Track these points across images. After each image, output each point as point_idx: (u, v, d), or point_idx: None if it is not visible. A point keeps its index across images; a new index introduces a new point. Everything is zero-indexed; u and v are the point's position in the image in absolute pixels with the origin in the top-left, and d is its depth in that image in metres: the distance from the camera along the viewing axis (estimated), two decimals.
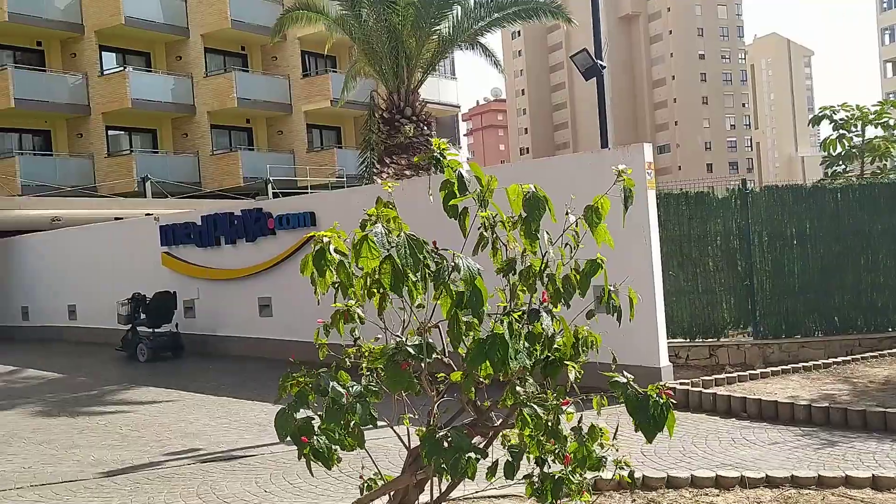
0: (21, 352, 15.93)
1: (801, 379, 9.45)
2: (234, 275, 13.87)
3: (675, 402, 3.50)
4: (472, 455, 3.50)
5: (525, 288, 4.12)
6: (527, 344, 3.51)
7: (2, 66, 27.98)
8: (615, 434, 4.11)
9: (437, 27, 14.40)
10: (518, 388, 3.49)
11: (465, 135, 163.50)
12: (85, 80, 29.58)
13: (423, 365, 3.57)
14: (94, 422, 8.94)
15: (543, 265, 4.11)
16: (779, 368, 9.76)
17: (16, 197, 22.72)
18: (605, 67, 9.73)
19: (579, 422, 3.85)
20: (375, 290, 3.58)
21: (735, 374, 9.44)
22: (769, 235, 11.18)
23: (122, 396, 10.51)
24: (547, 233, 4.07)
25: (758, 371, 9.60)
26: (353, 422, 3.45)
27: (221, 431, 8.07)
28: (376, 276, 3.35)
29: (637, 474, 5.97)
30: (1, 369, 13.67)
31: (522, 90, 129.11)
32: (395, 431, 4.10)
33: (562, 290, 4.12)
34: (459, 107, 36.11)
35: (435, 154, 4.19)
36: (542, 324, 3.65)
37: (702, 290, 11.18)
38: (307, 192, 22.22)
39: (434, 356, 3.63)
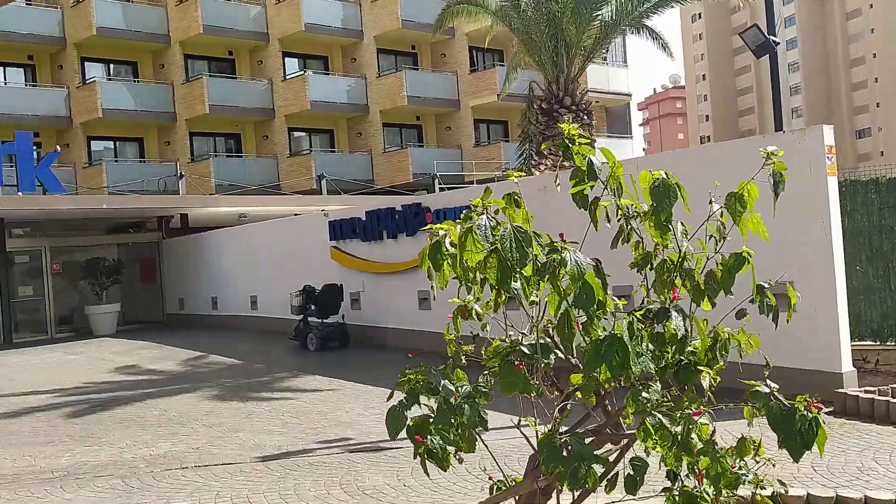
0: (209, 339, 17.19)
1: None
2: (395, 268, 14.17)
3: (846, 415, 3.06)
4: (594, 465, 3.25)
5: (663, 285, 3.79)
6: (651, 346, 3.18)
7: (198, 75, 30.43)
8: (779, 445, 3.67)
9: (599, 12, 13.89)
10: (644, 395, 3.18)
11: (640, 124, 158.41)
12: (270, 86, 31.51)
13: (540, 365, 3.36)
14: (261, 407, 9.42)
15: (681, 259, 3.74)
16: None
17: (206, 196, 24.63)
18: (778, 44, 8.91)
19: (712, 434, 3.46)
20: (492, 286, 3.41)
21: None
22: None
23: (288, 384, 11.01)
24: (682, 224, 3.70)
25: None
26: (460, 423, 3.29)
27: (373, 422, 8.21)
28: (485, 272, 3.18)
29: (801, 491, 5.41)
30: (190, 355, 14.80)
31: (703, 75, 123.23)
32: (522, 433, 3.91)
33: (702, 286, 3.73)
34: (630, 95, 34.97)
35: (564, 140, 3.93)
36: (672, 324, 3.30)
37: (895, 287, 10.01)
38: (468, 187, 22.30)
39: (556, 356, 3.42)
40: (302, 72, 31.45)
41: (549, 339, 3.39)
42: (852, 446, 6.69)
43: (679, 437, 3.16)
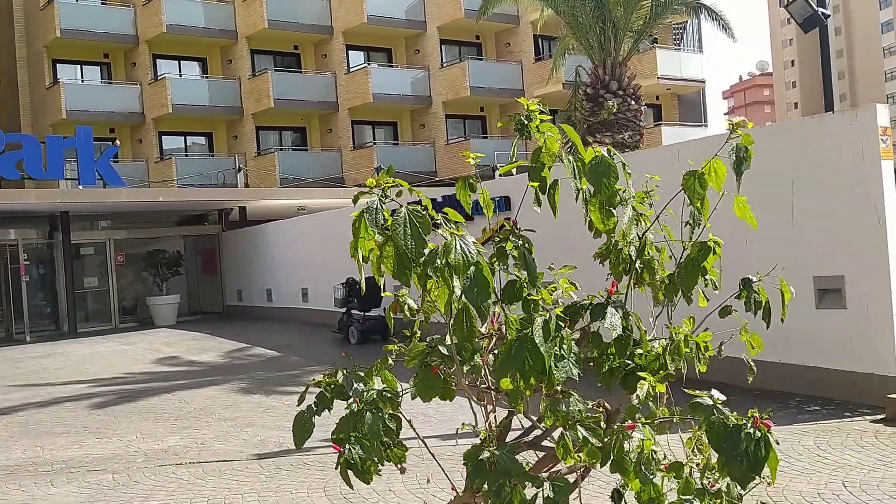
0: (258, 330, 17.27)
1: None
2: None
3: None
4: (524, 483, 2.84)
5: (617, 277, 3.34)
6: (577, 349, 2.74)
7: (263, 70, 30.79)
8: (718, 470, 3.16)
9: None
10: (562, 405, 2.74)
11: (725, 113, 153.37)
12: (334, 79, 31.63)
13: (463, 369, 2.97)
14: (281, 401, 9.25)
15: (640, 248, 3.28)
16: None
17: (262, 188, 24.87)
18: (828, 16, 8.13)
19: (639, 450, 2.98)
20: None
21: None
22: None
23: (319, 378, 10.83)
24: (634, 208, 3.23)
25: None
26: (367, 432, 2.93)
27: None
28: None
29: None
30: (235, 346, 14.87)
31: (791, 61, 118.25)
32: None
33: (666, 280, 3.26)
34: (704, 81, 33.58)
35: (519, 116, 3.51)
36: (608, 322, 2.85)
37: None
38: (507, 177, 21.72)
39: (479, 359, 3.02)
40: (364, 64, 31.43)
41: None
42: None
43: (611, 453, 2.70)
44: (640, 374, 2.86)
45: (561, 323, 2.68)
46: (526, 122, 3.48)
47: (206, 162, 30.31)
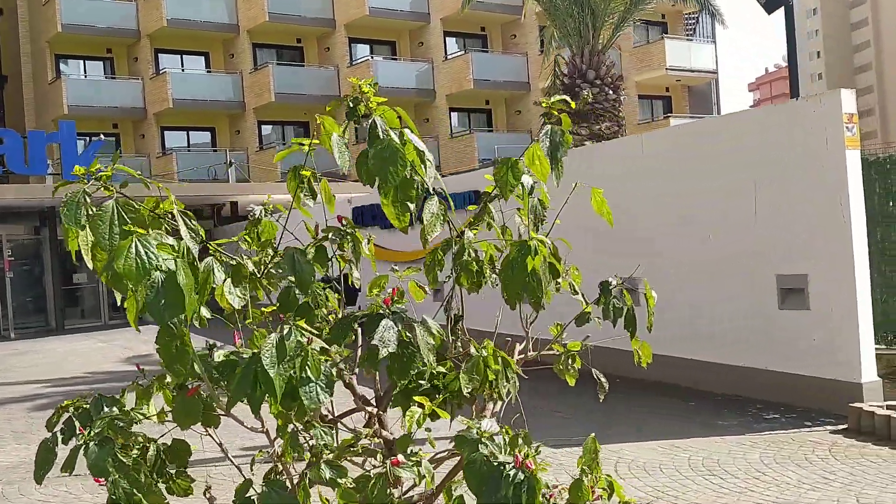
0: (244, 328, 16.92)
1: None
2: (409, 257, 13.41)
3: (860, 434, 2.07)
4: None
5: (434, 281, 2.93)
6: (329, 370, 2.30)
7: (264, 63, 30.53)
8: None
9: None
10: (304, 438, 2.31)
11: (751, 106, 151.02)
12: (337, 73, 31.28)
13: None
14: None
15: (458, 249, 2.85)
16: None
17: (252, 183, 24.57)
18: None
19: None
20: None
21: None
22: None
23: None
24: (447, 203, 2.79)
25: None
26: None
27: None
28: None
29: None
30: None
31: (817, 52, 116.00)
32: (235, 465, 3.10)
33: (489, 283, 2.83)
34: (715, 73, 32.74)
35: (348, 99, 3.12)
36: (378, 337, 2.41)
37: None
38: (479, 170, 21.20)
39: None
40: (366, 57, 31.05)
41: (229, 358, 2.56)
42: (843, 476, 5.47)
43: (370, 497, 2.26)
44: (416, 397, 2.42)
45: (302, 340, 2.23)
46: (353, 106, 3.08)
47: (207, 157, 30.11)
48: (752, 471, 5.72)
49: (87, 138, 25.34)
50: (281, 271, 2.53)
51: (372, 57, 31.05)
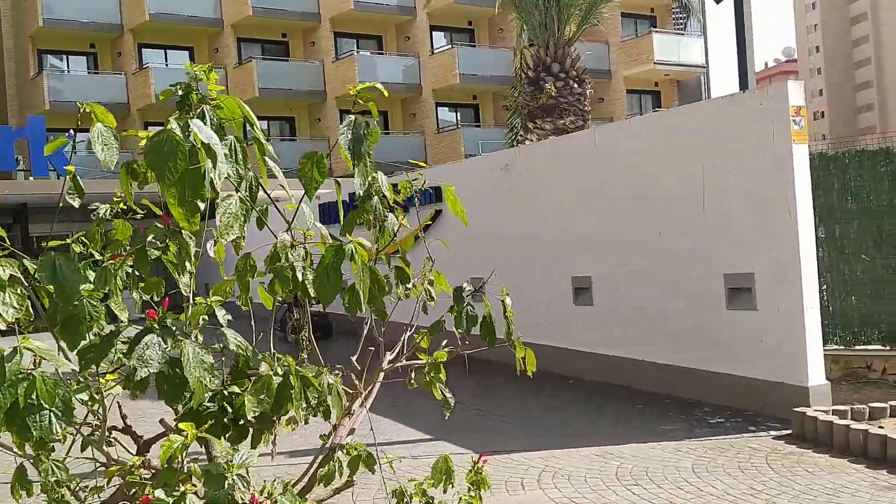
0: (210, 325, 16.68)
1: None
2: (371, 254, 13.15)
3: (803, 440, 1.83)
4: None
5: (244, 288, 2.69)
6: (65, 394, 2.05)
7: (248, 58, 30.24)
8: None
9: None
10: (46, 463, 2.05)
11: None
12: (322, 67, 30.97)
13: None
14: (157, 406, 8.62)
15: (271, 254, 2.60)
16: None
17: None
18: None
19: None
20: None
21: None
22: None
23: None
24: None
25: None
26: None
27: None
28: None
29: None
30: None
31: (816, 47, 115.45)
32: None
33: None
34: (705, 67, 32.38)
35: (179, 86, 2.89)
36: (136, 358, 2.14)
37: None
38: (440, 166, 20.94)
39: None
40: (350, 52, 30.74)
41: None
42: (771, 487, 5.22)
43: None
44: (181, 424, 2.16)
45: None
46: (185, 94, 2.84)
47: None
48: (680, 480, 5.47)
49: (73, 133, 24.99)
50: (43, 277, 2.25)
51: (357, 51, 30.73)
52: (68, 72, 30.47)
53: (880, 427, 6.10)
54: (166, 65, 30.68)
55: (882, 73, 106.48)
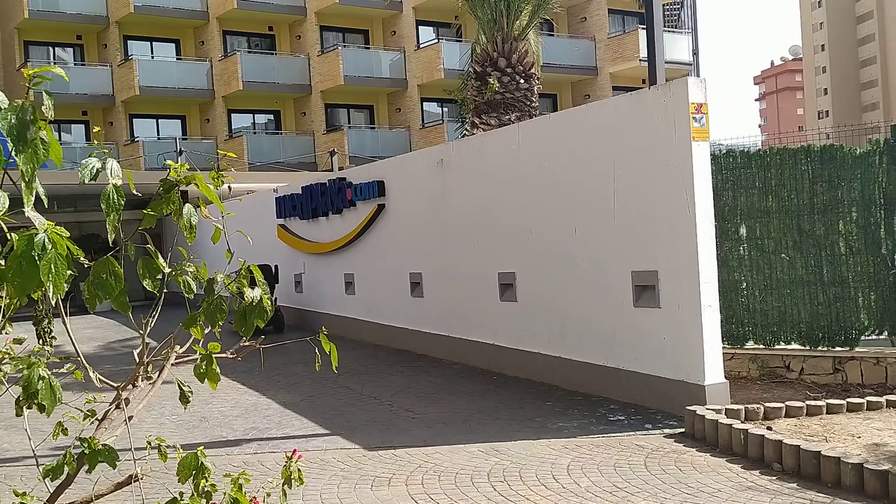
0: (174, 319, 16.75)
1: None
2: (326, 248, 13.18)
3: (694, 439, 1.85)
4: None
5: None
6: None
7: (233, 51, 30.24)
8: None
9: None
10: None
11: (756, 99, 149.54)
12: (308, 61, 30.96)
13: None
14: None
15: None
16: None
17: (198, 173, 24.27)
18: None
19: None
20: None
21: (822, 403, 6.62)
22: None
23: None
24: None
25: (866, 400, 6.65)
26: None
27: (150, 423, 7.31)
28: None
29: None
30: (127, 336, 14.37)
31: (822, 45, 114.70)
32: None
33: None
34: (692, 64, 32.20)
35: None
36: None
37: (828, 280, 8.15)
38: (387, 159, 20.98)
39: None
40: (335, 46, 30.72)
41: None
42: (636, 485, 5.19)
43: None
44: None
45: None
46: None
47: (174, 145, 29.88)
48: (549, 478, 5.45)
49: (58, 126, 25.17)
50: None
51: (343, 45, 30.70)
52: (54, 63, 30.52)
53: (768, 428, 6.07)
54: (152, 57, 30.74)
55: (887, 71, 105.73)
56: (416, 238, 10.82)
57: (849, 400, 6.64)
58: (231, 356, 3.19)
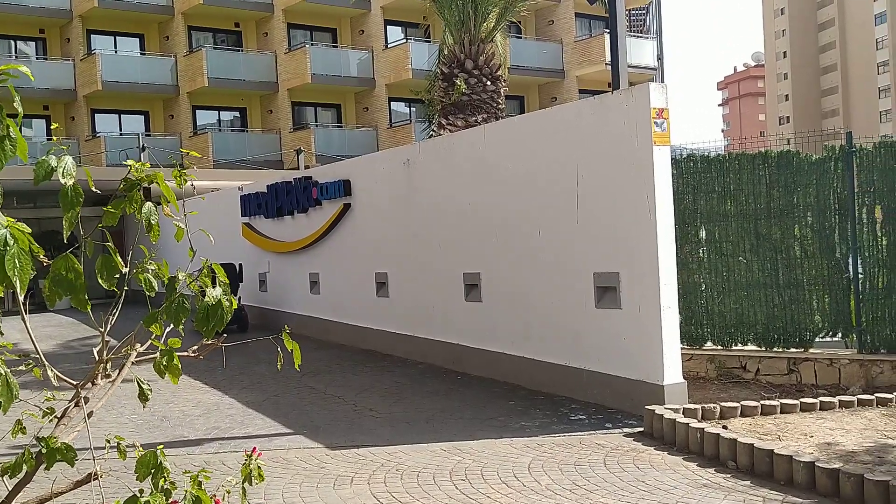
0: (135, 318, 16.56)
1: (881, 416, 6.57)
2: (291, 247, 13.13)
3: (653, 438, 1.85)
4: None
5: None
6: None
7: (198, 47, 29.94)
8: None
9: None
10: None
11: (719, 104, 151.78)
12: (274, 59, 30.76)
13: None
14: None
15: None
16: (854, 398, 6.89)
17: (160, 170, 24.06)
18: None
19: None
20: None
21: (776, 402, 6.78)
22: (885, 210, 8.05)
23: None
24: None
25: (819, 400, 6.83)
26: None
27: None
28: None
29: None
30: (87, 334, 14.18)
31: (784, 52, 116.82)
32: None
33: None
34: (657, 69, 32.61)
35: None
36: None
37: (784, 282, 8.35)
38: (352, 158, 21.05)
39: None
40: (302, 44, 30.56)
41: None
42: (595, 482, 5.28)
43: None
44: None
45: None
46: None
47: (137, 140, 29.49)
48: (510, 476, 5.52)
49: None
50: None
51: (311, 43, 30.55)
52: (16, 57, 29.93)
53: (724, 427, 6.20)
54: (115, 52, 30.32)
55: (847, 79, 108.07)
56: (382, 238, 10.84)
57: (802, 400, 6.81)
58: (192, 354, 3.20)
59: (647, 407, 6.59)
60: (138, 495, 2.92)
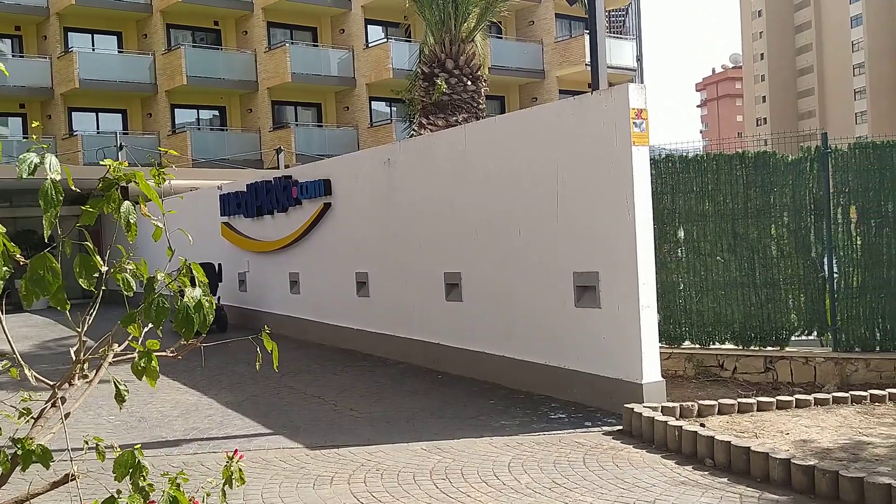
0: (113, 318, 16.42)
1: (856, 413, 6.66)
2: (271, 247, 13.08)
3: (631, 436, 1.83)
4: None
5: None
6: None
7: (177, 45, 29.72)
8: None
9: None
10: None
11: (697, 106, 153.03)
12: (254, 57, 30.61)
13: None
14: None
15: None
16: (829, 396, 6.98)
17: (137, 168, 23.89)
18: None
19: None
20: None
21: (753, 400, 6.86)
22: (860, 211, 8.16)
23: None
24: None
25: (795, 398, 6.91)
26: None
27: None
28: None
29: None
30: (64, 334, 14.04)
31: (761, 54, 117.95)
32: None
33: None
34: (635, 70, 32.82)
35: None
36: None
37: (760, 282, 8.45)
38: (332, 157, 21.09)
39: None
40: (282, 43, 30.44)
41: None
42: (574, 481, 5.31)
43: None
44: None
45: None
46: None
47: (114, 139, 29.22)
48: (490, 475, 5.53)
49: None
50: None
51: (291, 42, 30.43)
52: None
53: (702, 425, 6.27)
54: (93, 49, 30.03)
55: (823, 80, 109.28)
56: (362, 237, 10.83)
57: (778, 398, 6.89)
58: (171, 354, 3.19)
59: (626, 405, 6.64)
60: (116, 496, 2.91)
